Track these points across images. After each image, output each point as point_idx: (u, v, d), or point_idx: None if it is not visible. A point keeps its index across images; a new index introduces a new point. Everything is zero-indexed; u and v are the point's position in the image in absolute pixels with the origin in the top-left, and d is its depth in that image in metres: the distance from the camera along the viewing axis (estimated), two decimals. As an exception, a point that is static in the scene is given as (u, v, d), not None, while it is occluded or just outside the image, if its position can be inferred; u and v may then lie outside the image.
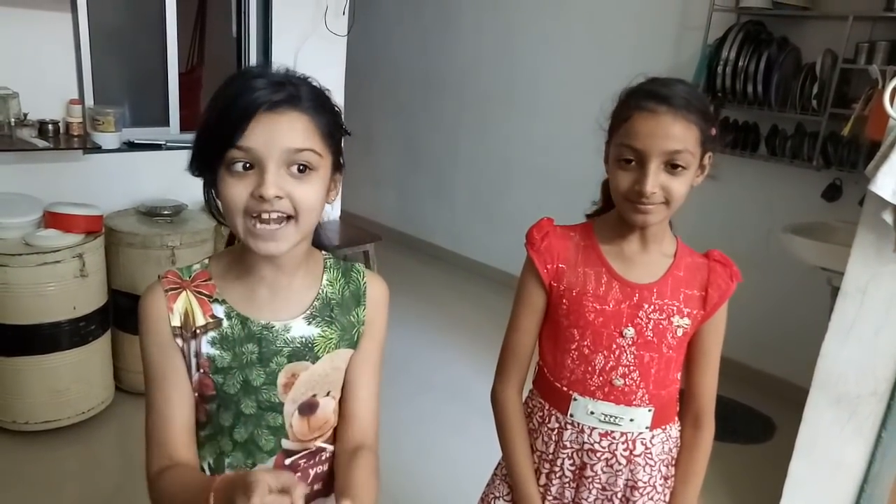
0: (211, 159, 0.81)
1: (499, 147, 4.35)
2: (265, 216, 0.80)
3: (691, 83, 1.09)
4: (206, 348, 0.88)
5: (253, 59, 3.27)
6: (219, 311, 0.89)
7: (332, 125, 0.85)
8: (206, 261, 0.93)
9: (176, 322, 0.87)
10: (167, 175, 2.98)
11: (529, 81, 4.11)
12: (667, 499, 1.19)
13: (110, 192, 2.80)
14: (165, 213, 2.74)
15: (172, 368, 0.88)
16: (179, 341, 0.88)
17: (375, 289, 0.98)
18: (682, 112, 1.00)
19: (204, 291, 0.89)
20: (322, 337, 0.92)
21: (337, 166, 0.88)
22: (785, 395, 2.96)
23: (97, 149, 2.71)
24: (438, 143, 4.71)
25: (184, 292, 0.88)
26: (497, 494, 1.23)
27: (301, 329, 0.91)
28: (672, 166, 1.01)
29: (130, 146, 2.90)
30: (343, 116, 0.90)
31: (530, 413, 1.22)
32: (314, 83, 0.86)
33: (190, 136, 3.08)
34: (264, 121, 0.79)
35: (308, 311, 0.91)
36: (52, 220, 2.39)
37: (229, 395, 0.89)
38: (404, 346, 3.24)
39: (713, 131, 1.05)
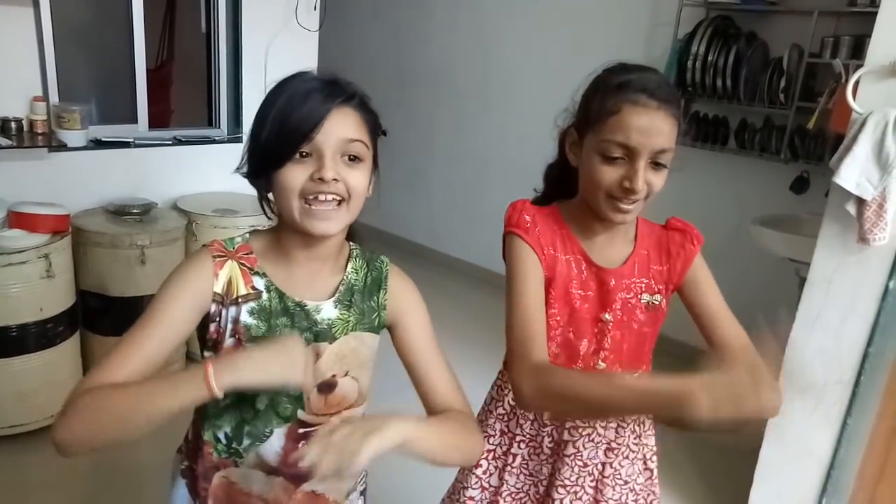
0: (280, 159, 0.88)
1: (474, 143, 4.35)
2: (322, 197, 0.88)
3: (660, 73, 1.08)
4: (245, 317, 0.93)
5: (223, 55, 3.22)
6: (259, 283, 0.94)
7: (374, 124, 0.94)
8: (248, 235, 0.98)
9: (218, 288, 0.92)
10: (136, 173, 2.93)
11: (503, 77, 4.11)
12: (638, 454, 1.22)
13: (77, 191, 2.74)
14: (134, 211, 2.70)
15: (181, 317, 0.90)
16: (214, 306, 0.92)
17: (397, 279, 1.04)
18: (670, 107, 1.00)
19: (246, 263, 0.94)
20: (340, 319, 0.97)
21: (375, 163, 0.96)
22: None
23: (63, 147, 2.65)
24: (414, 139, 4.69)
25: (229, 261, 0.93)
26: (465, 484, 1.25)
27: (329, 311, 0.97)
28: (656, 163, 1.00)
29: (98, 144, 2.84)
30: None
31: (500, 396, 1.23)
32: (358, 87, 0.94)
33: (159, 134, 3.07)
34: (327, 117, 0.87)
35: (336, 295, 0.98)
36: (17, 219, 2.34)
37: None
38: (381, 343, 3.23)
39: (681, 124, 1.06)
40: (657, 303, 1.12)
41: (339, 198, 0.89)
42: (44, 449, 2.36)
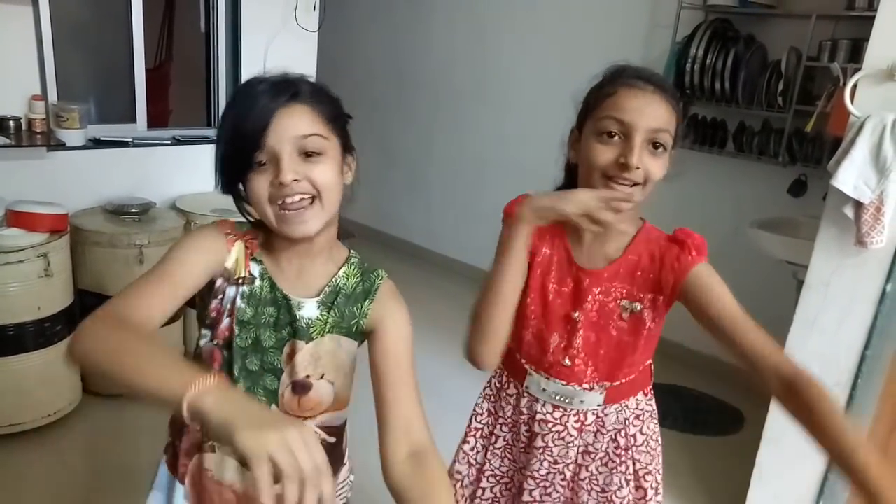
0: (241, 171, 0.89)
1: (472, 143, 4.35)
2: (289, 200, 0.88)
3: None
4: (238, 300, 0.95)
5: (222, 55, 3.22)
6: (255, 269, 0.96)
7: (332, 112, 0.93)
8: (252, 221, 0.99)
9: (229, 264, 0.94)
10: (134, 173, 2.93)
11: (502, 78, 4.11)
12: (624, 468, 1.20)
13: (76, 190, 2.74)
14: (133, 211, 2.70)
15: (194, 273, 0.91)
16: (220, 281, 0.93)
17: (388, 293, 1.00)
18: (667, 95, 1.02)
19: (248, 248, 0.96)
20: (319, 320, 0.96)
21: (346, 149, 0.96)
22: (754, 388, 3.02)
23: (61, 146, 2.65)
24: (412, 141, 4.69)
25: (238, 242, 0.95)
26: (454, 458, 1.28)
27: (310, 310, 0.96)
28: (654, 145, 1.00)
29: (96, 143, 2.84)
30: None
31: (490, 378, 1.26)
32: (310, 79, 0.93)
33: (157, 133, 3.07)
34: (274, 119, 0.87)
35: (321, 296, 0.97)
36: (15, 218, 2.33)
37: (240, 347, 0.95)
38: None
39: (681, 124, 1.06)
40: (637, 311, 1.10)
41: (307, 196, 0.89)
42: (41, 448, 2.36)
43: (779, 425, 2.02)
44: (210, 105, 3.33)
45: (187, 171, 3.09)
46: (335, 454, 1.04)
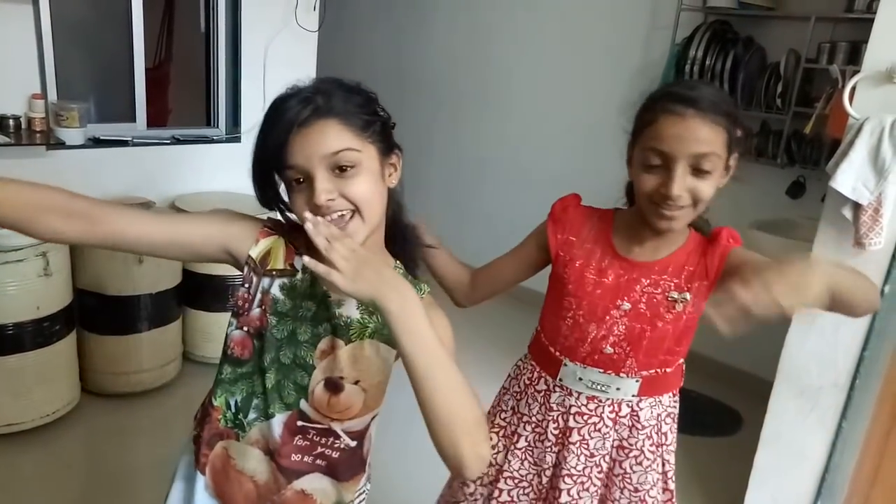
0: (272, 185, 0.92)
1: (472, 145, 4.36)
2: (329, 219, 0.87)
3: (716, 87, 1.10)
4: (276, 291, 0.95)
5: (222, 55, 3.22)
6: (298, 262, 0.95)
7: (364, 119, 0.90)
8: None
9: (254, 254, 0.95)
10: (134, 172, 2.93)
11: (502, 80, 4.12)
12: (657, 466, 1.22)
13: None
14: (132, 210, 2.69)
15: (204, 231, 0.95)
16: (246, 270, 0.95)
17: (430, 304, 0.96)
18: (709, 114, 0.99)
19: (295, 243, 0.96)
20: (360, 322, 0.95)
21: (386, 151, 0.95)
22: (751, 389, 3.02)
23: (61, 145, 2.64)
24: (412, 142, 4.65)
25: (275, 236, 0.96)
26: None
27: (349, 310, 0.95)
28: (698, 169, 1.00)
29: (96, 142, 2.83)
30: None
31: (518, 375, 1.28)
32: (341, 83, 0.91)
33: (157, 133, 3.07)
34: (299, 138, 0.86)
35: None
36: (14, 217, 2.33)
37: (275, 338, 0.95)
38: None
39: (739, 132, 1.04)
40: (686, 300, 1.12)
41: (346, 212, 0.88)
42: (39, 448, 2.35)
43: (776, 425, 2.03)
44: (209, 104, 3.33)
45: (187, 170, 3.09)
46: (355, 459, 1.02)
